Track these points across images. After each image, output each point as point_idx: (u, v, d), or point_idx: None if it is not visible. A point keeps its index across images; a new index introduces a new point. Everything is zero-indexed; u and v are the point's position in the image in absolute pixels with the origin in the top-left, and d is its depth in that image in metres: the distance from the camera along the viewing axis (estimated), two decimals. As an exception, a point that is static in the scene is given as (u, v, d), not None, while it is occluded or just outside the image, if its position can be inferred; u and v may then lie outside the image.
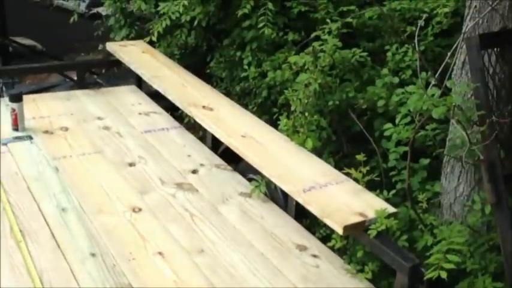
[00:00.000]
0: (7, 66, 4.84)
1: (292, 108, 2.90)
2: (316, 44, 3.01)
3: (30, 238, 2.41)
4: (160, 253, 2.39)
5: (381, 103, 2.79)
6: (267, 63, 3.52)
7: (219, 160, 3.20)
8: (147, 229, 2.55)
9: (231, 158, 3.18)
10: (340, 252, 2.47)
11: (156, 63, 3.91)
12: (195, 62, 4.36)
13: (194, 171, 3.07)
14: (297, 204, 2.64)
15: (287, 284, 2.27)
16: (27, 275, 2.20)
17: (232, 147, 2.91)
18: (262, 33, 3.49)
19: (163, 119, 3.66)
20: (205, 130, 3.38)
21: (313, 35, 3.16)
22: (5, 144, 3.15)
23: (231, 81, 4.07)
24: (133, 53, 4.07)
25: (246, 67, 3.59)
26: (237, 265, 2.36)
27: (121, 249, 2.39)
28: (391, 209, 2.31)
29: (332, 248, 2.44)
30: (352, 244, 2.40)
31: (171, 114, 3.75)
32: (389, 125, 2.61)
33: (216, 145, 3.32)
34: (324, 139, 2.90)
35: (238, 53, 3.75)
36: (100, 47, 6.10)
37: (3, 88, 4.38)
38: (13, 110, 3.26)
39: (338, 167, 2.76)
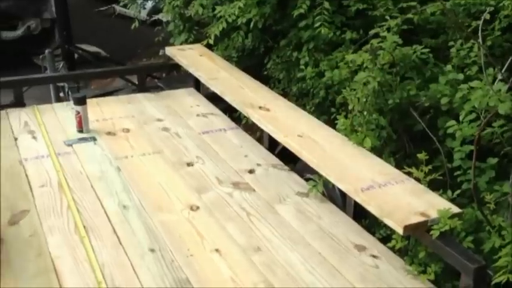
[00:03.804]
0: (73, 71, 5.05)
1: (350, 107, 2.84)
2: (374, 41, 2.94)
3: (93, 234, 2.49)
4: (217, 250, 2.40)
5: (444, 100, 2.68)
6: (324, 62, 3.47)
7: (276, 160, 3.19)
8: (205, 227, 2.57)
9: (289, 158, 3.16)
10: (401, 253, 2.39)
11: (214, 66, 3.96)
12: (253, 64, 4.38)
13: (251, 171, 3.07)
14: (356, 204, 2.58)
15: (345, 284, 2.21)
16: (90, 268, 2.27)
17: (289, 147, 2.89)
18: (319, 33, 3.45)
19: (221, 120, 3.70)
20: (262, 131, 3.38)
21: (371, 32, 3.10)
22: (70, 145, 3.28)
23: (288, 82, 4.05)
24: (191, 57, 4.14)
25: (303, 67, 3.56)
26: (293, 264, 2.33)
27: (179, 245, 2.42)
28: (455, 209, 2.21)
29: (392, 249, 2.37)
30: (413, 245, 2.31)
31: (229, 116, 3.78)
32: (452, 122, 2.50)
33: (273, 145, 3.31)
34: (384, 138, 2.82)
35: (295, 54, 3.73)
36: (161, 52, 6.27)
37: (69, 92, 4.58)
38: (77, 112, 3.39)
39: (399, 166, 2.67)
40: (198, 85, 4.13)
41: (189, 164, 3.12)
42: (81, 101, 3.39)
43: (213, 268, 2.30)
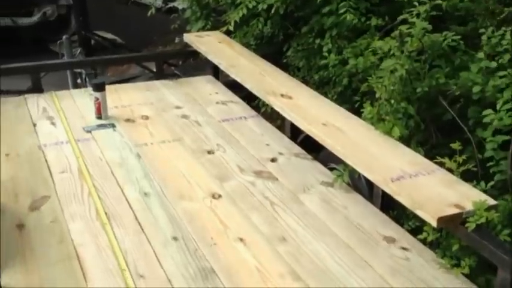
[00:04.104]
0: (90, 57, 4.98)
1: (377, 96, 2.76)
2: (403, 27, 2.85)
3: (115, 221, 2.45)
4: (241, 239, 2.35)
5: (476, 89, 2.58)
6: (348, 50, 3.38)
7: (298, 149, 3.13)
8: (228, 216, 2.51)
9: (311, 148, 3.10)
10: (432, 245, 2.32)
11: (233, 53, 3.89)
12: (271, 52, 4.29)
13: (273, 160, 3.00)
14: (384, 194, 2.52)
15: (375, 276, 2.15)
16: (113, 255, 2.22)
17: (313, 136, 2.82)
18: (343, 20, 3.37)
19: (241, 108, 3.63)
20: (283, 119, 3.32)
21: (399, 18, 3.00)
22: (89, 131, 3.23)
23: (308, 70, 3.97)
24: (210, 43, 4.07)
25: (326, 54, 3.47)
26: (320, 255, 2.27)
27: (202, 234, 2.37)
28: (491, 201, 2.13)
29: (423, 241, 2.30)
30: (445, 237, 2.24)
31: (248, 104, 3.71)
32: (489, 111, 2.41)
33: (295, 134, 3.25)
34: (412, 128, 2.74)
35: (318, 41, 3.64)
36: (176, 40, 6.20)
37: (86, 79, 4.53)
38: (96, 99, 3.33)
39: (427, 157, 2.59)
40: (216, 72, 4.06)
41: (209, 152, 3.06)
42: (100, 87, 3.33)
43: (237, 257, 2.24)
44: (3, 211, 2.45)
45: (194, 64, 5.06)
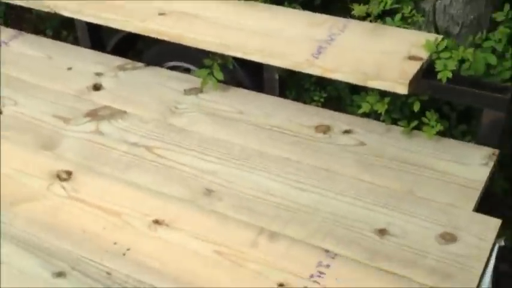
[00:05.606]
0: None
1: None
2: None
3: None
4: (156, 221, 1.51)
5: None
6: None
7: (119, 59, 2.18)
8: (98, 196, 1.59)
9: (123, 51, 2.24)
10: (370, 116, 1.87)
11: None
12: None
13: (96, 87, 2.03)
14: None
15: (347, 180, 1.60)
16: None
17: (156, 35, 1.92)
18: None
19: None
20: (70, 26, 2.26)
21: None
22: None
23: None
24: None
25: None
26: (271, 188, 1.60)
27: (90, 244, 1.44)
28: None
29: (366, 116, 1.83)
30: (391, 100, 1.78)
31: None
32: None
33: (97, 42, 2.26)
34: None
35: None
36: None
37: None
38: None
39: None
40: None
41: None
42: None
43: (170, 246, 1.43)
44: None
45: None
